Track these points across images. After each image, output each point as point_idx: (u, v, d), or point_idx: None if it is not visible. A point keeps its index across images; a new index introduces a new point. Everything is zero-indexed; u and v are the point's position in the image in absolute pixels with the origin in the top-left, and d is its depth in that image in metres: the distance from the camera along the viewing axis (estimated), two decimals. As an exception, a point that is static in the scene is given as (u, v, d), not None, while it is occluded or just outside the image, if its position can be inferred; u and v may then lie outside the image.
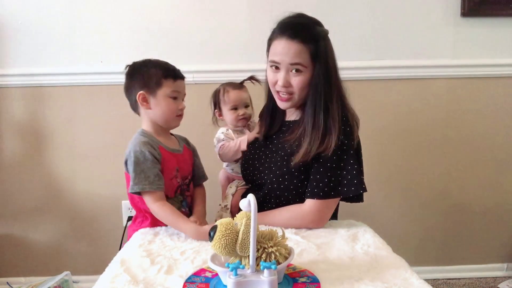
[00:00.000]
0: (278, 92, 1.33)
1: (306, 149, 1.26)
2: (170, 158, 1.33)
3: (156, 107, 1.32)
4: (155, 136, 1.34)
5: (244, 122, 1.58)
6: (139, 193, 1.27)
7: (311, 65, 1.27)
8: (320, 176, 1.27)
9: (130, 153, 1.27)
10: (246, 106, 1.58)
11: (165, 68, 1.32)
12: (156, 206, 1.25)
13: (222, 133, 1.58)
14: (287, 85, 1.29)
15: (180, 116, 1.36)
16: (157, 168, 1.27)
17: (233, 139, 1.55)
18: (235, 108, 1.55)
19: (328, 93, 1.28)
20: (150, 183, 1.24)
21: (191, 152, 1.47)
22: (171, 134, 1.44)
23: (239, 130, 1.59)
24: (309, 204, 1.29)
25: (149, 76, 1.30)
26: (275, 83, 1.31)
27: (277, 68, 1.30)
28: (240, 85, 1.58)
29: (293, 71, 1.28)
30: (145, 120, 1.36)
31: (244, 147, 1.50)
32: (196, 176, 1.47)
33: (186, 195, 1.40)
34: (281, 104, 1.36)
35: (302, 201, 1.32)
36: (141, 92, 1.31)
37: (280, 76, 1.29)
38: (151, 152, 1.27)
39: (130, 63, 1.37)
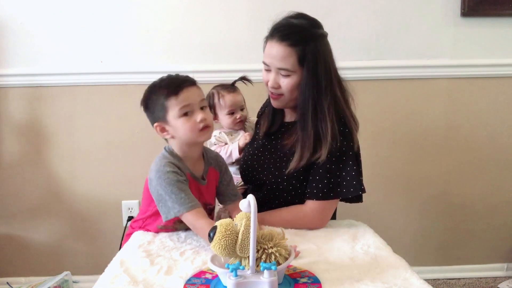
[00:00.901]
0: (270, 91, 1.35)
1: (299, 155, 1.27)
2: (192, 186, 1.20)
3: (175, 132, 1.17)
4: (183, 161, 1.21)
5: (241, 125, 1.59)
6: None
7: (299, 69, 1.27)
8: (320, 177, 1.27)
9: (159, 172, 1.15)
10: (242, 109, 1.58)
11: (166, 85, 1.17)
12: (202, 223, 1.10)
13: (214, 136, 1.57)
14: (276, 86, 1.30)
15: (205, 128, 1.17)
16: (187, 186, 1.15)
17: (225, 142, 1.55)
18: (232, 113, 1.55)
19: (318, 97, 1.26)
20: (191, 201, 1.12)
21: (218, 173, 1.31)
22: (203, 154, 1.29)
23: (234, 131, 1.59)
24: (310, 205, 1.29)
25: (154, 105, 1.18)
26: (267, 83, 1.33)
27: (268, 69, 1.31)
28: (233, 87, 1.57)
29: (282, 73, 1.28)
30: (174, 145, 1.22)
31: (236, 154, 1.50)
32: (224, 198, 1.32)
33: None
34: (273, 103, 1.37)
35: (301, 201, 1.32)
36: (156, 124, 1.19)
37: (270, 77, 1.30)
38: (177, 171, 1.15)
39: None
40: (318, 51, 1.26)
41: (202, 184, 1.24)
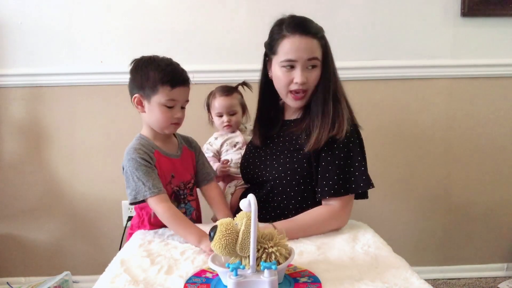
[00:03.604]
0: (291, 91, 1.32)
1: (317, 136, 1.27)
2: (165, 163, 1.29)
3: (149, 113, 1.26)
4: (152, 140, 1.30)
5: (228, 129, 1.61)
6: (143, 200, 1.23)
7: (322, 59, 1.30)
8: (331, 173, 1.26)
9: (125, 161, 1.24)
10: (232, 114, 1.59)
11: (165, 72, 1.22)
12: (160, 208, 1.19)
13: (209, 143, 1.62)
14: (306, 81, 1.29)
15: (176, 124, 1.29)
16: (153, 172, 1.23)
17: (215, 152, 1.60)
18: (220, 115, 1.58)
19: (335, 86, 1.32)
20: (149, 189, 1.19)
21: (193, 153, 1.41)
22: (174, 135, 1.40)
23: (230, 133, 1.61)
24: (337, 202, 1.27)
25: (146, 79, 1.23)
26: (290, 82, 1.30)
27: (291, 66, 1.29)
28: (230, 91, 1.59)
29: (309, 67, 1.29)
30: (144, 123, 1.32)
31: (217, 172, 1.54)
32: (199, 178, 1.40)
33: (188, 199, 1.36)
34: (295, 103, 1.34)
35: (303, 197, 1.32)
36: (136, 95, 1.26)
37: (297, 74, 1.28)
38: (143, 157, 1.23)
39: (138, 57, 1.31)
40: (328, 43, 1.33)
41: (176, 158, 1.33)
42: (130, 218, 2.09)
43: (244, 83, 1.60)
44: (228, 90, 1.59)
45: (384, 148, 2.12)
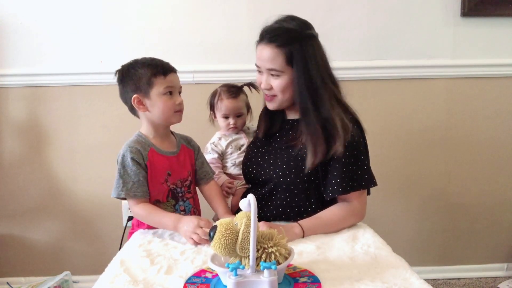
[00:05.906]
0: (264, 93, 1.39)
1: (313, 152, 1.28)
2: (160, 161, 1.31)
3: (153, 108, 1.29)
4: (149, 139, 1.33)
5: (233, 131, 1.61)
6: (124, 198, 1.29)
7: (287, 69, 1.30)
8: (338, 172, 1.28)
9: (118, 156, 1.30)
10: (239, 115, 1.59)
11: (153, 65, 1.29)
12: (137, 208, 1.27)
13: (212, 143, 1.61)
14: (269, 87, 1.34)
15: (179, 111, 1.32)
16: (138, 175, 1.27)
17: (220, 153, 1.59)
18: (226, 117, 1.58)
19: (314, 95, 1.29)
20: (126, 190, 1.26)
21: (192, 151, 1.42)
22: (173, 134, 1.41)
23: (234, 134, 1.61)
24: (354, 198, 1.30)
25: (138, 78, 1.28)
26: (260, 84, 1.37)
27: (259, 71, 1.36)
28: (236, 92, 1.58)
29: (272, 74, 1.32)
30: (144, 122, 1.35)
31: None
32: (198, 176, 1.42)
33: (186, 197, 1.37)
34: (268, 105, 1.41)
35: (307, 195, 1.33)
36: (134, 96, 1.29)
37: (263, 79, 1.35)
38: (134, 157, 1.27)
39: (119, 67, 1.35)
40: (305, 51, 1.28)
41: (172, 155, 1.35)
42: (130, 218, 2.09)
43: (251, 84, 1.59)
44: (235, 92, 1.58)
45: (384, 148, 2.11)
